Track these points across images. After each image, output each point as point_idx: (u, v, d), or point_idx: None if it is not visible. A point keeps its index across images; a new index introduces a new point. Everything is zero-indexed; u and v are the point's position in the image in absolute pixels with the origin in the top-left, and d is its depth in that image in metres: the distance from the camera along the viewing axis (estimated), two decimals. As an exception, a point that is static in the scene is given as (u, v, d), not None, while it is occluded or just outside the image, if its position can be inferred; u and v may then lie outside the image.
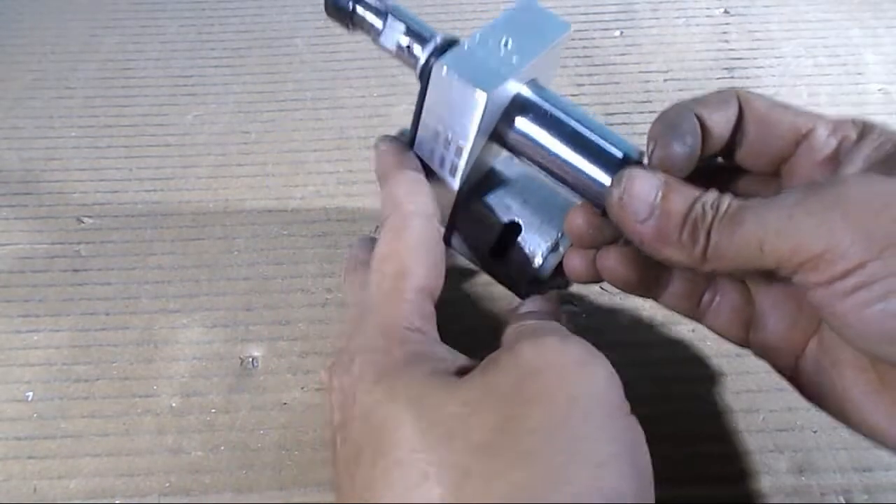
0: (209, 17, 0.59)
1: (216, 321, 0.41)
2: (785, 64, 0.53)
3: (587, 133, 0.26)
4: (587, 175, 0.26)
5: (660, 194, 0.23)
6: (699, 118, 0.24)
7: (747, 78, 0.52)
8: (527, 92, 0.27)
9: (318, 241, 0.44)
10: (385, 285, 0.24)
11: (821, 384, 0.24)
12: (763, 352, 0.26)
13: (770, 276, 0.22)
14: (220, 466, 0.36)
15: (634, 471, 0.19)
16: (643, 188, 0.23)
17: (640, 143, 0.26)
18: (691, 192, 0.23)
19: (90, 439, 0.37)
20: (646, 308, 0.41)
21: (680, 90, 0.51)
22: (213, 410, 0.38)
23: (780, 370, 0.26)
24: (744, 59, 0.54)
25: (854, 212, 0.19)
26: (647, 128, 0.24)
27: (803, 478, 0.35)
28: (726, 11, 0.58)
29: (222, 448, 0.36)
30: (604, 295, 0.41)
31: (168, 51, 0.56)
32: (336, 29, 0.30)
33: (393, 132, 0.31)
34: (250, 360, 0.40)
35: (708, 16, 0.57)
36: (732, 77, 0.52)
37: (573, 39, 0.55)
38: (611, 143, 0.26)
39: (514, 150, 0.28)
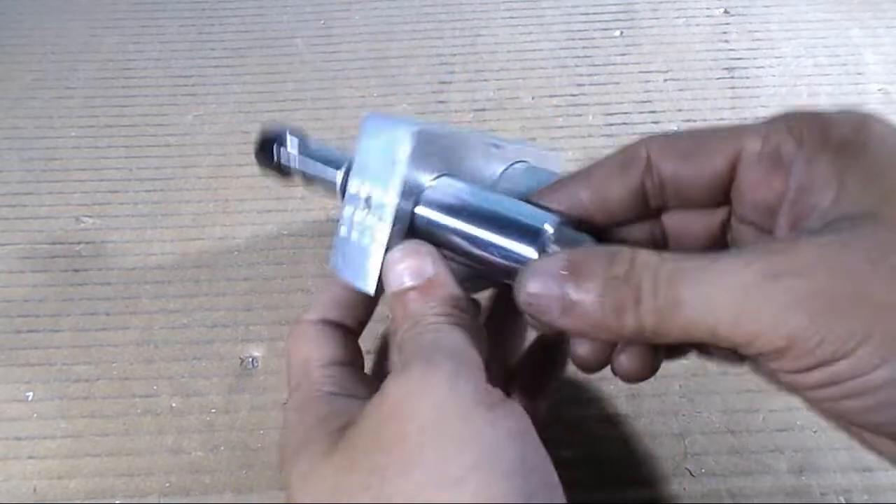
0: (209, 17, 0.59)
1: (216, 321, 0.41)
2: (785, 64, 0.53)
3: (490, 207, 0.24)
4: (499, 247, 0.23)
5: (567, 285, 0.20)
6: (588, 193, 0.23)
7: (747, 78, 0.52)
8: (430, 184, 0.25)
9: (318, 241, 0.44)
10: (293, 384, 0.25)
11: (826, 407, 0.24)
12: (767, 378, 0.26)
13: None
14: (221, 466, 0.36)
15: (508, 467, 0.18)
16: (544, 284, 0.20)
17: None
18: (600, 262, 0.20)
19: (90, 439, 0.37)
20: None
21: (680, 90, 0.51)
22: (213, 410, 0.38)
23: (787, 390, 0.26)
24: (744, 59, 0.54)
25: (818, 304, 0.17)
26: (647, 128, 0.24)
27: (803, 478, 0.35)
28: (726, 11, 0.58)
29: (222, 448, 0.36)
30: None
31: (168, 51, 0.56)
32: (336, 29, 0.30)
33: None
34: (250, 360, 0.40)
35: (708, 16, 0.57)
36: (732, 77, 0.52)
37: (572, 40, 0.55)
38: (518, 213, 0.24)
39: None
